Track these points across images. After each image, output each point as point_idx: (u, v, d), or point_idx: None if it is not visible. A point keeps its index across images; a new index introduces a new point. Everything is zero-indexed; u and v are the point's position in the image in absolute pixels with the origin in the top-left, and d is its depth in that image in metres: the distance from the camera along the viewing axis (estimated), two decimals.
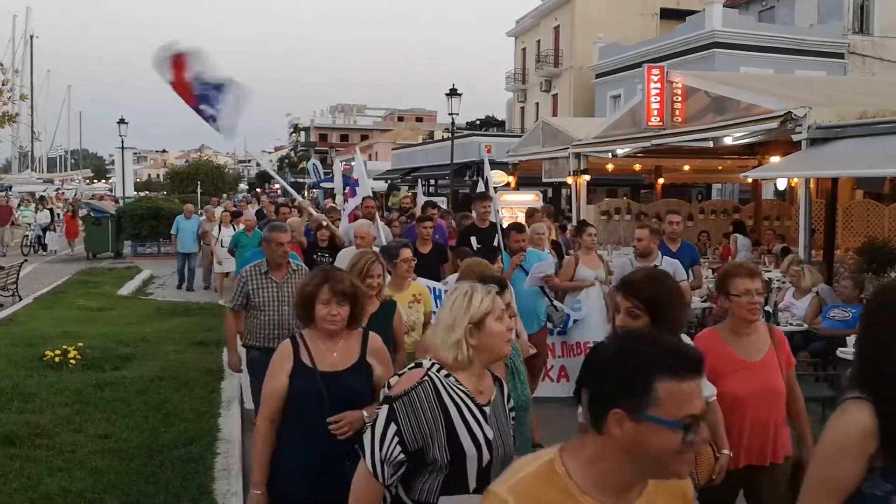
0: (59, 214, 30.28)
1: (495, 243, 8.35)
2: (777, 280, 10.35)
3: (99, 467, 5.63)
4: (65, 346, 8.91)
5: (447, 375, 2.61)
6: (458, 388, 2.60)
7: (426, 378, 2.59)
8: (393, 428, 2.51)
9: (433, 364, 2.64)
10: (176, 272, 17.03)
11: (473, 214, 9.33)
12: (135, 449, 6.05)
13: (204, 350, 9.68)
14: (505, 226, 8.77)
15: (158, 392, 7.67)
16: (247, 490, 5.46)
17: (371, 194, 10.61)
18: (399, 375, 2.70)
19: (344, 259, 6.98)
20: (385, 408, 2.56)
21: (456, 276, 6.91)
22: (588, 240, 8.22)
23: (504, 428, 2.70)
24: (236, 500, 5.20)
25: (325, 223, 9.16)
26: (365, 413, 3.28)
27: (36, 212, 28.46)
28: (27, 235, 27.08)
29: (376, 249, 7.26)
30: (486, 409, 2.63)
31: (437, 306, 5.83)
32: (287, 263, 5.66)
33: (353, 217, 9.93)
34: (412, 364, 2.74)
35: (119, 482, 5.36)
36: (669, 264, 6.94)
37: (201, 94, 7.11)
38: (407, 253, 5.50)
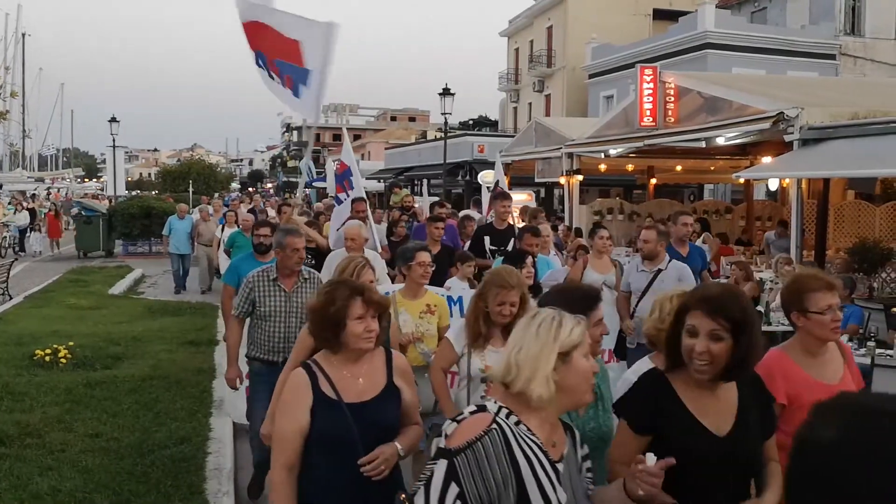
0: (43, 214, 29.58)
1: (509, 246, 7.97)
2: (769, 280, 10.38)
3: (89, 466, 5.61)
4: (55, 346, 8.88)
5: (518, 422, 2.18)
6: (531, 440, 2.17)
7: (494, 425, 2.14)
8: (454, 490, 2.07)
9: (500, 408, 2.20)
10: (171, 276, 16.35)
11: (489, 215, 8.84)
12: (125, 448, 6.02)
13: (195, 349, 9.65)
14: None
15: (149, 391, 7.64)
16: (238, 490, 5.46)
17: (363, 196, 9.79)
18: (458, 421, 2.21)
19: (333, 263, 6.65)
20: (443, 464, 2.10)
21: (456, 279, 6.75)
22: (600, 243, 7.78)
23: (578, 491, 2.30)
24: (227, 499, 5.18)
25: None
26: (399, 445, 2.88)
27: (15, 212, 27.80)
28: (5, 237, 26.36)
29: (371, 252, 6.98)
30: (559, 466, 2.23)
31: (459, 314, 5.46)
32: (299, 272, 5.21)
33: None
34: (473, 408, 2.27)
35: (109, 481, 5.34)
36: (676, 269, 6.63)
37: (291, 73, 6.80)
38: (424, 257, 5.09)
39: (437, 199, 15.72)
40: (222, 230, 14.31)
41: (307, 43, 6.55)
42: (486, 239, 8.10)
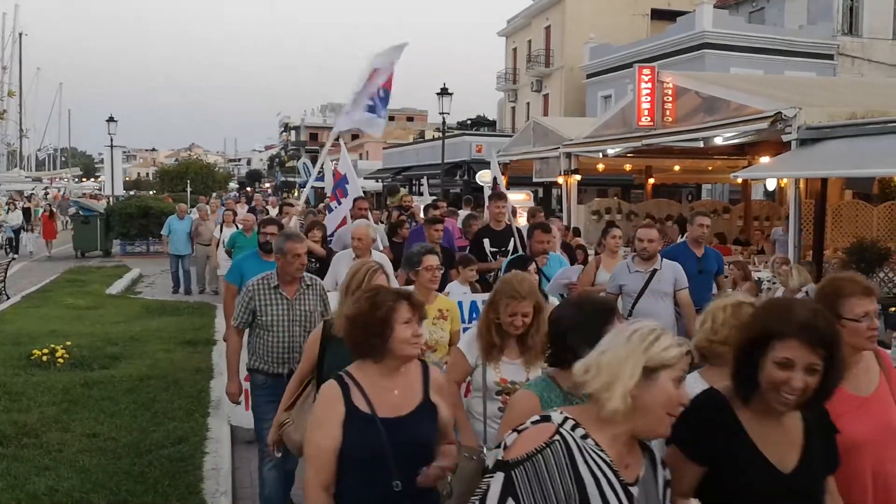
0: (38, 214, 29.15)
1: (510, 247, 7.76)
2: (767, 280, 10.38)
3: (86, 466, 5.59)
4: (53, 345, 8.85)
5: (585, 436, 2.01)
6: (599, 456, 2.00)
7: (557, 437, 2.00)
8: None
9: (566, 419, 2.04)
10: (170, 275, 16.13)
11: (486, 215, 8.69)
12: (123, 448, 6.01)
13: (193, 349, 9.63)
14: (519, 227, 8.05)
15: (147, 391, 7.62)
16: (235, 490, 5.46)
17: (362, 194, 9.73)
18: (518, 432, 2.06)
19: (341, 263, 6.35)
20: (499, 477, 1.98)
21: (456, 283, 6.40)
22: (612, 242, 7.51)
23: None
24: (225, 499, 5.17)
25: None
26: (443, 464, 2.75)
27: (7, 212, 27.46)
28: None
29: (379, 255, 6.76)
30: (634, 489, 2.02)
31: (470, 321, 5.38)
32: (301, 278, 4.93)
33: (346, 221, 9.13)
34: (536, 417, 2.10)
35: (107, 481, 5.32)
36: (671, 269, 6.33)
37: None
38: (432, 260, 4.82)
39: (434, 199, 15.45)
40: (220, 230, 14.05)
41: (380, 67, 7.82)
42: (486, 241, 7.90)
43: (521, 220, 10.48)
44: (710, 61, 28.21)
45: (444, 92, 24.94)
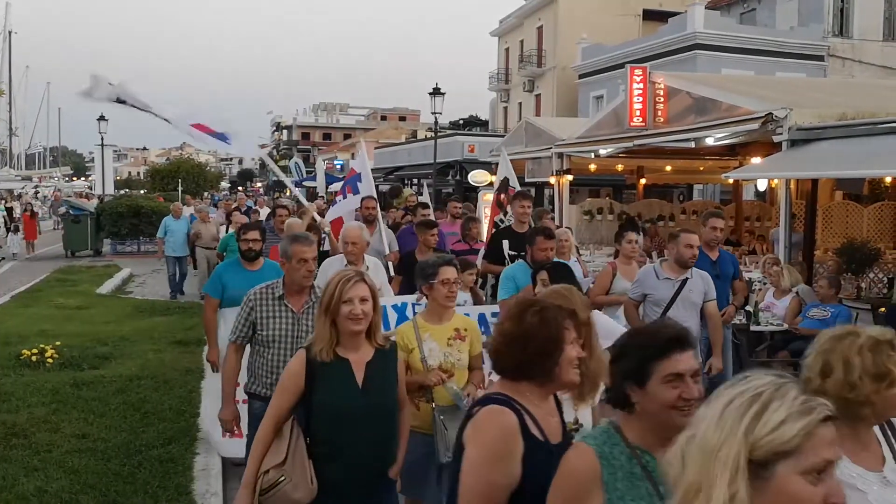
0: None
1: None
2: (758, 280, 10.42)
3: (76, 467, 5.58)
4: (42, 345, 8.83)
5: None
6: None
7: None
8: None
9: None
10: (158, 274, 15.68)
11: (510, 216, 7.94)
12: (112, 449, 5.99)
13: (184, 349, 9.60)
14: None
15: (137, 391, 7.60)
16: (226, 491, 5.44)
17: (374, 193, 9.04)
18: None
19: (332, 271, 5.68)
20: None
21: (469, 296, 5.99)
22: (628, 248, 6.91)
23: None
24: (216, 500, 5.16)
25: (326, 229, 8.01)
26: None
27: None
28: None
29: (372, 259, 6.28)
30: None
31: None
32: (311, 288, 4.37)
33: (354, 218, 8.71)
34: None
35: (96, 482, 5.31)
36: (702, 278, 5.92)
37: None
38: (449, 273, 4.21)
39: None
40: (227, 230, 13.08)
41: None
42: (505, 244, 7.24)
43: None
44: (701, 62, 28.28)
45: (436, 92, 24.93)
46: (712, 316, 5.93)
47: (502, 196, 9.30)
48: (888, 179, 15.01)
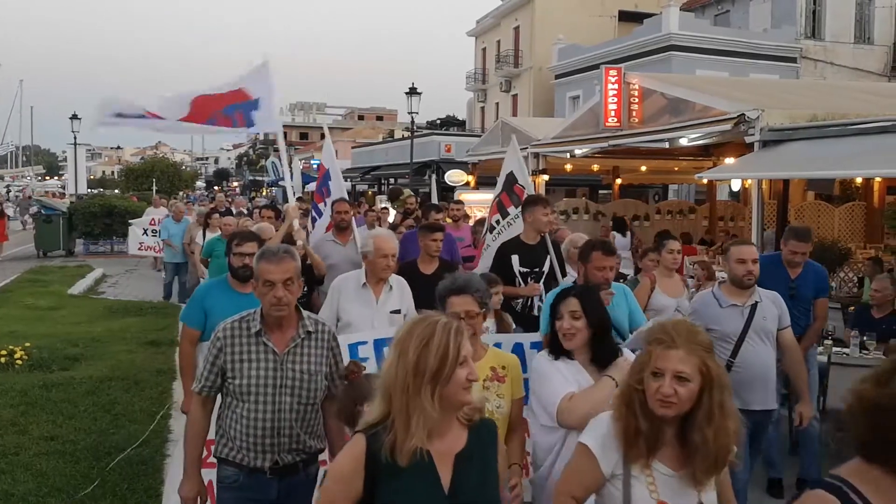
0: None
1: (545, 267, 5.96)
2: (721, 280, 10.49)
3: (44, 470, 5.51)
4: (11, 347, 8.72)
5: None
6: None
7: None
8: None
9: None
10: (139, 276, 14.80)
11: (511, 219, 6.82)
12: (81, 451, 5.93)
13: (156, 350, 9.52)
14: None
15: (108, 393, 7.52)
16: None
17: (345, 196, 7.65)
18: None
19: (350, 294, 4.84)
20: None
21: (492, 321, 4.78)
22: (669, 258, 6.08)
23: None
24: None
25: (300, 242, 6.13)
26: None
27: None
28: None
29: (398, 279, 5.01)
30: None
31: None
32: (299, 319, 3.33)
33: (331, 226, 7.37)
34: None
35: (64, 485, 5.25)
36: (772, 300, 4.83)
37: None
38: (458, 304, 3.41)
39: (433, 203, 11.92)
40: (204, 235, 11.26)
41: (249, 84, 6.01)
42: (515, 258, 5.94)
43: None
44: (676, 63, 28.50)
45: (412, 91, 24.93)
46: (789, 347, 4.84)
47: (504, 195, 7.49)
48: (859, 180, 15.25)
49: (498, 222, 7.15)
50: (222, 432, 3.32)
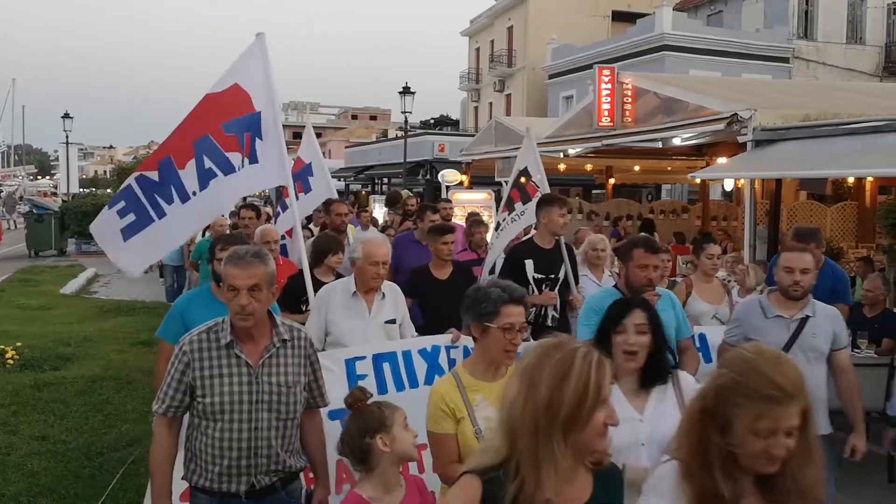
0: None
1: (560, 273, 5.58)
2: (722, 280, 10.51)
3: (35, 470, 5.50)
4: (2, 347, 8.69)
5: None
6: None
7: None
8: None
9: None
10: (125, 276, 14.51)
11: (516, 214, 6.42)
12: (73, 451, 5.91)
13: (148, 349, 9.47)
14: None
15: (99, 392, 7.50)
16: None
17: (334, 195, 7.25)
18: None
19: (338, 304, 4.40)
20: None
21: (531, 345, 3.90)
22: (708, 263, 5.67)
23: None
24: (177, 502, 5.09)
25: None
26: None
27: None
28: None
29: (391, 286, 4.59)
30: None
31: None
32: (272, 328, 3.04)
33: (321, 224, 7.07)
34: None
35: (55, 485, 5.23)
36: (827, 316, 4.29)
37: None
38: (514, 314, 2.89)
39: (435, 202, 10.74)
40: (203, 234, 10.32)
41: (244, 77, 4.88)
42: (529, 264, 5.51)
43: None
44: (669, 63, 28.56)
45: (406, 91, 24.90)
46: (844, 371, 4.31)
47: (515, 190, 7.11)
48: (851, 180, 15.29)
49: (504, 219, 6.83)
50: (191, 456, 3.02)
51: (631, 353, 2.90)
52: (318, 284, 4.83)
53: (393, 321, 4.48)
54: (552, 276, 5.55)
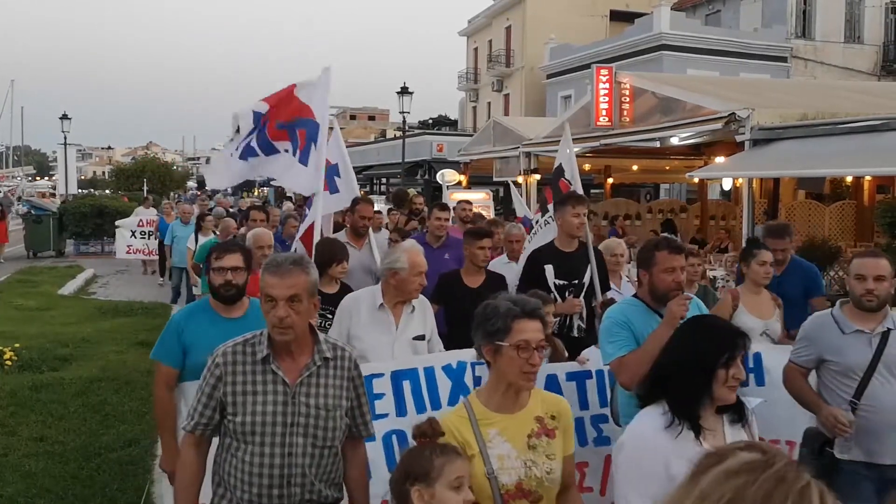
0: None
1: (585, 279, 5.14)
2: (720, 279, 10.54)
3: (33, 471, 5.49)
4: (0, 347, 8.65)
5: None
6: None
7: None
8: None
9: None
10: (129, 275, 14.30)
11: (547, 218, 5.98)
12: (71, 452, 5.90)
13: (146, 350, 9.37)
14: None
15: (97, 393, 7.49)
16: None
17: (359, 195, 6.85)
18: None
19: (362, 316, 4.08)
20: None
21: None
22: (760, 271, 4.95)
23: None
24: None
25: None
26: None
27: None
28: None
29: (423, 301, 4.27)
30: None
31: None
32: (314, 344, 2.74)
33: (337, 225, 6.81)
34: None
35: (53, 486, 5.22)
36: None
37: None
38: (530, 330, 2.50)
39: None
40: (196, 238, 10.19)
41: (306, 95, 5.56)
42: (549, 269, 5.07)
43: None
44: (667, 62, 28.57)
45: (404, 91, 24.90)
46: None
47: (548, 189, 6.86)
48: (849, 179, 15.31)
49: (537, 222, 6.45)
50: (219, 480, 2.72)
51: (734, 387, 2.50)
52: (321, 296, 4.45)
53: (422, 337, 4.16)
54: (575, 281, 5.10)
